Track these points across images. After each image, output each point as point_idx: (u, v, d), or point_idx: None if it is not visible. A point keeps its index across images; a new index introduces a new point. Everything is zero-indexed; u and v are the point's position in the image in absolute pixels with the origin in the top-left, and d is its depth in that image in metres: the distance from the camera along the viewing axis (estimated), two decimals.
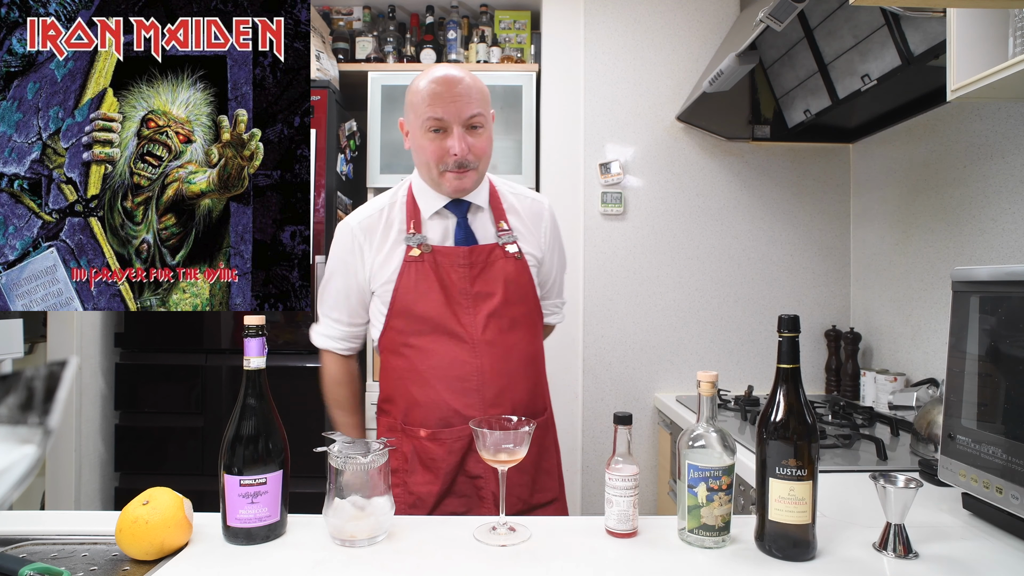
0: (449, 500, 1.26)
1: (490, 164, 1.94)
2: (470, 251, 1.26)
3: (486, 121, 1.24)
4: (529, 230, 1.35)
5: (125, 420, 2.36)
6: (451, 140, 1.19)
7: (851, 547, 0.92)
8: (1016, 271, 0.95)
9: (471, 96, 1.20)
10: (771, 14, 1.53)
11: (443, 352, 1.24)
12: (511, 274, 1.28)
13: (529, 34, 2.74)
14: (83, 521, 1.03)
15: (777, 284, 2.47)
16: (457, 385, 1.24)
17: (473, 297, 1.25)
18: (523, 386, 1.29)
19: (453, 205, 1.29)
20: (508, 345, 1.27)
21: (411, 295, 1.25)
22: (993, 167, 1.70)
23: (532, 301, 1.32)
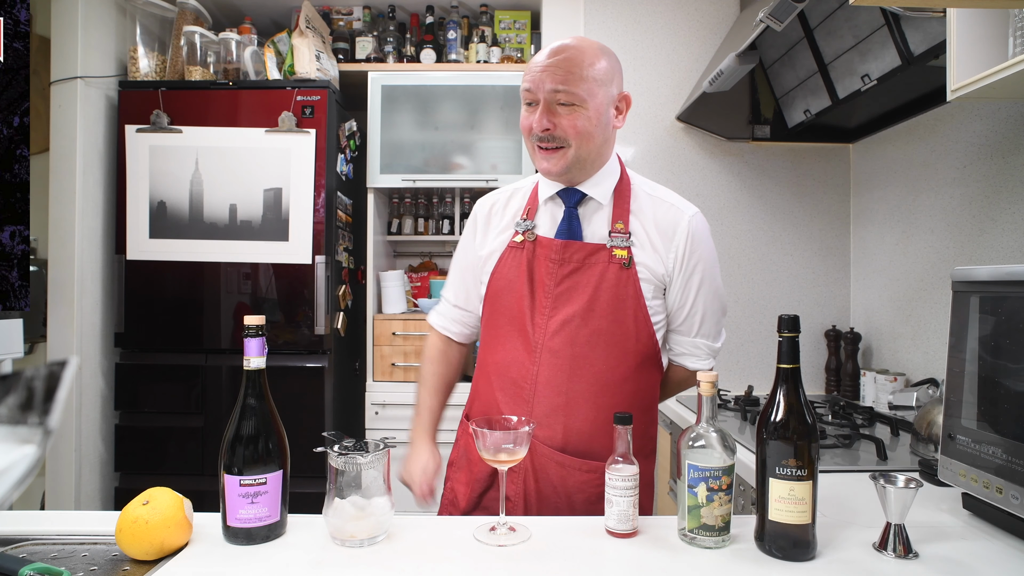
0: (479, 513, 1.19)
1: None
2: (564, 246, 1.14)
3: (583, 100, 1.08)
4: (652, 240, 1.15)
5: (125, 420, 2.36)
6: (535, 114, 1.10)
7: (851, 547, 0.92)
8: (1016, 271, 0.95)
9: (563, 69, 1.07)
10: (771, 14, 1.53)
11: (509, 350, 1.17)
12: (609, 282, 1.12)
13: (529, 34, 2.74)
14: (83, 521, 1.02)
15: (777, 284, 2.47)
16: (511, 389, 1.16)
17: (555, 297, 1.13)
18: (586, 415, 1.12)
19: (565, 194, 1.17)
20: (577, 360, 1.12)
21: (501, 283, 1.19)
22: (993, 167, 1.70)
23: (632, 320, 1.13)
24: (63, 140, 2.30)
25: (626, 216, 1.16)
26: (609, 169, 1.19)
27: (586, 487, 1.13)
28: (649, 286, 1.14)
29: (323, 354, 2.36)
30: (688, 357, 1.23)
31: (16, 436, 0.56)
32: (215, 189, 2.32)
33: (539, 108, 1.09)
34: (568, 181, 1.17)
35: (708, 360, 1.23)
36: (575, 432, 1.13)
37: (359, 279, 2.78)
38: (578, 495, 1.13)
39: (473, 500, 1.20)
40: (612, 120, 1.14)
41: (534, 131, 1.11)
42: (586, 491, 1.13)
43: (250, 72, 2.41)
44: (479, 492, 1.20)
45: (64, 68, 2.29)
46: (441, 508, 1.29)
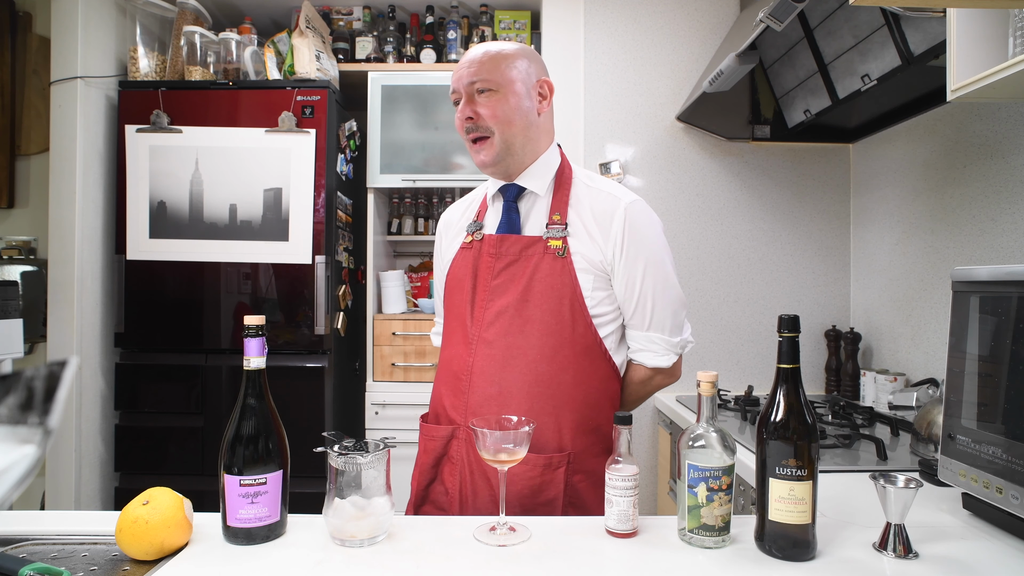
0: (427, 507, 1.20)
1: None
2: (500, 240, 1.16)
3: (498, 85, 1.13)
4: (589, 229, 1.15)
5: (125, 420, 2.36)
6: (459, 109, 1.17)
7: (851, 547, 0.92)
8: (1016, 271, 0.95)
9: (478, 62, 1.14)
10: (771, 14, 1.53)
11: (452, 344, 1.20)
12: (543, 272, 1.12)
13: (529, 34, 2.74)
14: (83, 521, 1.02)
15: (777, 284, 2.47)
16: (451, 382, 1.18)
17: (491, 290, 1.15)
18: (521, 405, 1.11)
19: (504, 190, 1.20)
20: (511, 350, 1.12)
21: (452, 283, 1.23)
22: (993, 167, 1.70)
23: (568, 310, 1.12)
24: (63, 140, 2.30)
25: (564, 207, 1.17)
26: (546, 161, 1.20)
27: (520, 479, 1.09)
28: (588, 276, 1.13)
29: (323, 354, 2.36)
30: (644, 353, 1.19)
31: (16, 436, 0.56)
32: (215, 189, 2.32)
33: (462, 102, 1.16)
34: (505, 175, 1.19)
35: (667, 356, 1.19)
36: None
37: (359, 279, 2.78)
38: (511, 488, 1.09)
39: (420, 494, 1.21)
40: (535, 105, 1.18)
41: (463, 124, 1.16)
42: (520, 483, 1.09)
43: (250, 72, 2.41)
44: (424, 485, 1.20)
45: (64, 68, 2.29)
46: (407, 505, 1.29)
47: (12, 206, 2.67)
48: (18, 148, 2.65)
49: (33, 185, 2.68)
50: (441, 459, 1.18)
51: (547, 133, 1.22)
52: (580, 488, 1.13)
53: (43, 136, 2.47)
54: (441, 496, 1.17)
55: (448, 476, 1.16)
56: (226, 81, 2.41)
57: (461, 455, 1.15)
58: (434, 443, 1.18)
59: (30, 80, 2.63)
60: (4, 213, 2.68)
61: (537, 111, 1.18)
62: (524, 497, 1.10)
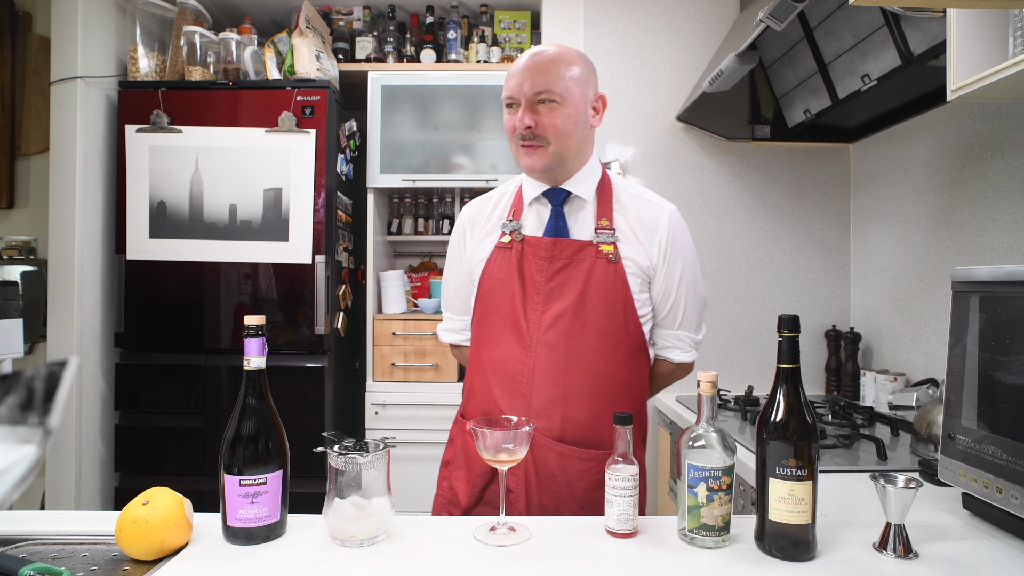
0: (482, 508, 1.21)
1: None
2: (553, 243, 1.18)
3: (562, 98, 1.14)
4: (636, 235, 1.20)
5: (125, 420, 2.36)
6: (517, 115, 1.16)
7: (851, 547, 0.92)
8: (1016, 271, 0.95)
9: (542, 70, 1.14)
10: (771, 14, 1.53)
11: (504, 346, 1.20)
12: (598, 276, 1.16)
13: (529, 34, 2.74)
14: (83, 521, 1.02)
15: (777, 284, 2.47)
16: (508, 384, 1.19)
17: (546, 293, 1.17)
18: (583, 405, 1.15)
19: (551, 194, 1.22)
20: (572, 352, 1.15)
21: (492, 283, 1.23)
22: (993, 167, 1.70)
23: (621, 312, 1.17)
24: (63, 140, 2.30)
25: (610, 213, 1.20)
26: (590, 168, 1.23)
27: (586, 475, 1.16)
28: (636, 279, 1.18)
29: (323, 354, 2.36)
30: (672, 350, 1.27)
31: (16, 436, 0.56)
32: (215, 189, 2.32)
33: (521, 107, 1.16)
34: (551, 180, 1.21)
35: (691, 352, 1.28)
36: (573, 422, 1.16)
37: (359, 279, 2.78)
38: (579, 483, 1.16)
39: (475, 496, 1.22)
40: (590, 119, 1.20)
41: (517, 130, 1.16)
42: (586, 479, 1.16)
43: (250, 72, 2.41)
44: (480, 488, 1.22)
45: (64, 68, 2.29)
46: (438, 508, 1.29)
47: (12, 206, 2.67)
48: (18, 148, 2.65)
49: (33, 185, 2.68)
50: None
51: (592, 143, 1.26)
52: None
53: (43, 136, 2.47)
54: (497, 497, 1.14)
55: (511, 478, 1.17)
56: (226, 81, 2.41)
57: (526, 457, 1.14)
58: None
59: (30, 80, 2.63)
60: (4, 213, 2.68)
61: (591, 125, 1.21)
62: (591, 491, 1.16)
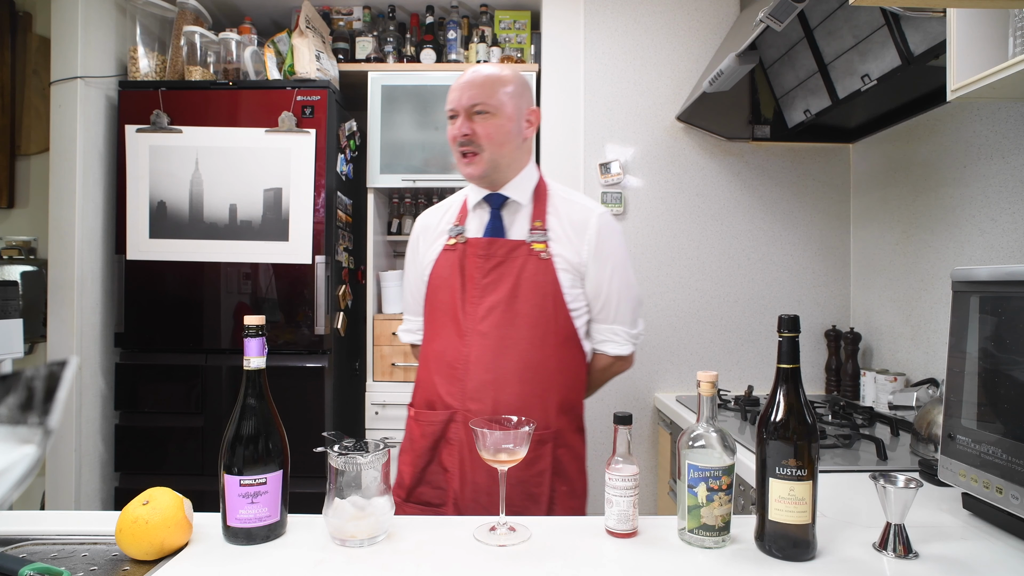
0: (423, 488, 1.30)
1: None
2: (489, 242, 1.30)
3: (495, 109, 1.26)
4: (568, 235, 1.30)
5: (125, 420, 2.36)
6: (457, 124, 1.29)
7: (851, 547, 0.92)
8: (1016, 271, 0.95)
9: (477, 85, 1.27)
10: (771, 14, 1.53)
11: (444, 337, 1.31)
12: (530, 271, 1.26)
13: (529, 34, 2.74)
14: (83, 521, 1.03)
15: (777, 284, 2.47)
16: (446, 371, 1.29)
17: (482, 287, 1.28)
18: (514, 389, 1.24)
19: (490, 199, 1.34)
20: (503, 340, 1.25)
21: (437, 281, 1.34)
22: (993, 167, 1.70)
23: (551, 304, 1.26)
24: (63, 140, 2.30)
25: (544, 215, 1.32)
26: (527, 175, 1.35)
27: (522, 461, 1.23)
28: (567, 275, 1.28)
29: (323, 354, 2.36)
30: (608, 343, 1.36)
31: (16, 436, 0.56)
32: (215, 189, 2.32)
33: (460, 118, 1.28)
34: (490, 185, 1.33)
35: (626, 345, 1.36)
36: (504, 405, 1.24)
37: (359, 279, 2.78)
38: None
39: (416, 476, 1.31)
40: (523, 130, 1.33)
41: (457, 138, 1.29)
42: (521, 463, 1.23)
43: (250, 72, 2.41)
44: (421, 467, 1.30)
45: (64, 68, 2.29)
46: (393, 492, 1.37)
47: (12, 206, 2.67)
48: (18, 148, 2.65)
49: (33, 185, 2.68)
50: (439, 442, 1.29)
51: (529, 153, 1.38)
52: (564, 460, 1.30)
53: (43, 136, 2.47)
54: (438, 475, 1.29)
55: (447, 457, 1.28)
56: (226, 81, 2.40)
57: (460, 437, 1.27)
58: (433, 427, 1.29)
59: (30, 80, 2.63)
60: (4, 213, 2.68)
61: (524, 136, 1.33)
62: (519, 470, 1.19)
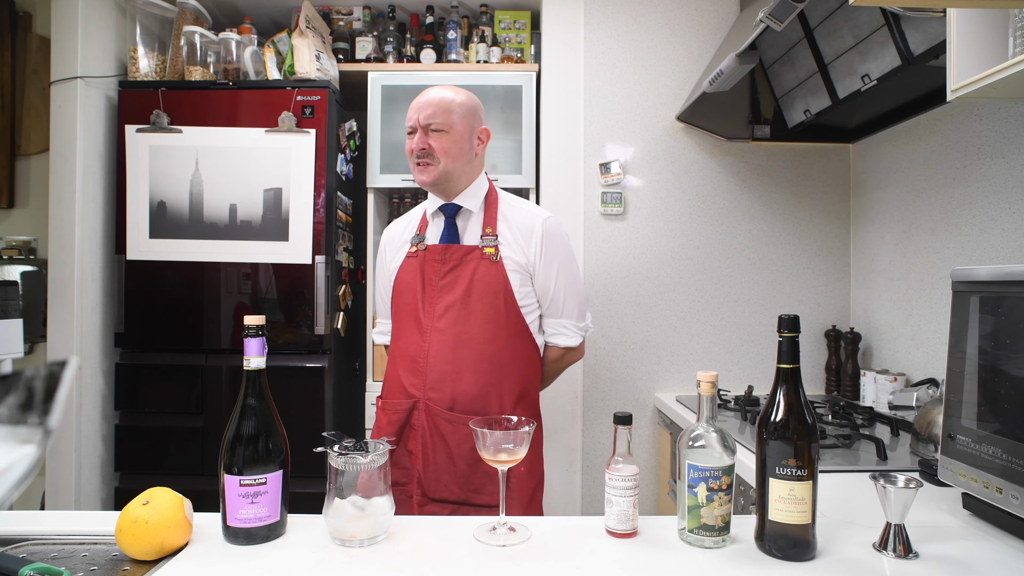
0: (392, 469, 1.35)
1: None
2: (444, 248, 1.43)
3: (449, 127, 1.41)
4: (516, 239, 1.43)
5: (125, 420, 2.36)
6: (414, 139, 1.43)
7: (851, 547, 0.92)
8: (1016, 271, 0.95)
9: (434, 104, 1.41)
10: (771, 14, 1.53)
11: (407, 335, 1.44)
12: (481, 273, 1.39)
13: (529, 34, 2.74)
14: (83, 521, 1.03)
15: (777, 284, 2.47)
16: (409, 364, 1.42)
17: (439, 289, 1.41)
18: (470, 379, 1.37)
19: (445, 208, 1.47)
20: (459, 336, 1.38)
21: (402, 285, 1.48)
22: (993, 167, 1.70)
23: (503, 302, 1.39)
24: (63, 140, 2.30)
25: (494, 222, 1.44)
26: (478, 185, 1.49)
27: (469, 438, 1.33)
28: (516, 275, 1.40)
29: (323, 354, 2.36)
30: (558, 336, 1.49)
31: (16, 436, 0.56)
32: (215, 189, 2.32)
33: (417, 133, 1.42)
34: (444, 194, 1.46)
35: (575, 337, 1.49)
36: (462, 394, 1.37)
37: (359, 279, 2.78)
38: (464, 445, 1.35)
39: None
40: (475, 147, 1.47)
41: (414, 151, 1.42)
42: (469, 441, 1.33)
43: (250, 72, 2.41)
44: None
45: (64, 68, 2.29)
46: None
47: (12, 206, 2.67)
48: (18, 148, 2.65)
49: (33, 185, 2.68)
50: (404, 428, 1.42)
51: (479, 167, 1.51)
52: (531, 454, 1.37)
53: (43, 136, 2.47)
54: (403, 457, 1.42)
55: (411, 441, 1.41)
56: (226, 81, 2.40)
57: (421, 423, 1.40)
58: (398, 415, 1.42)
59: (30, 80, 2.63)
60: (4, 213, 2.68)
61: (475, 152, 1.48)
62: (475, 450, 1.29)
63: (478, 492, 1.35)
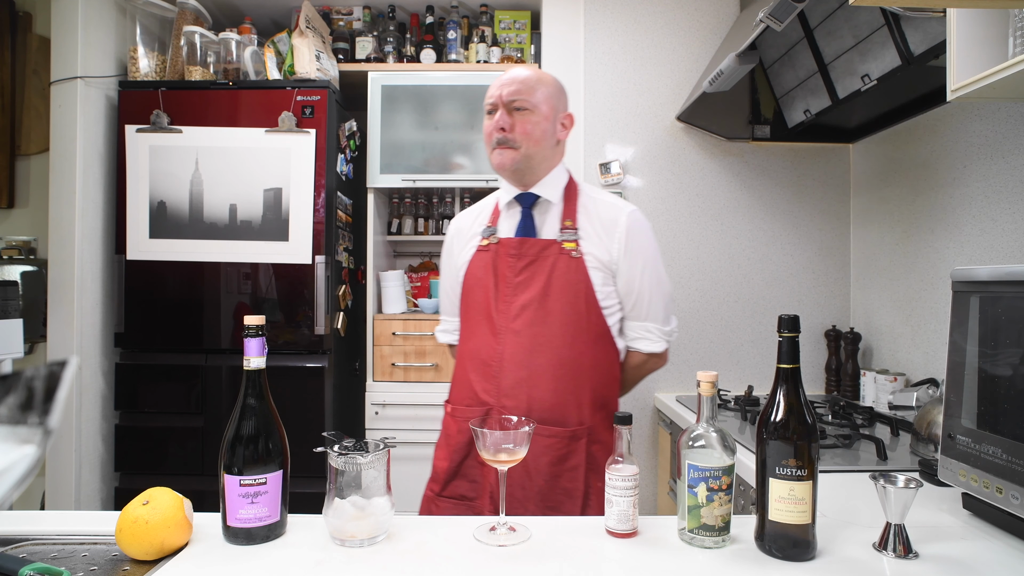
0: (458, 481, 1.32)
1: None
2: (520, 242, 1.31)
3: (533, 107, 1.28)
4: (598, 234, 1.31)
5: (125, 420, 2.36)
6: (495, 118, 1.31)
7: (851, 547, 0.92)
8: (1016, 271, 0.95)
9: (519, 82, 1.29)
10: (771, 14, 1.53)
11: (479, 336, 1.33)
12: (560, 270, 1.28)
13: (529, 34, 2.74)
14: (83, 521, 1.02)
15: (777, 284, 2.47)
16: (481, 368, 1.31)
17: (514, 286, 1.29)
18: (548, 386, 1.25)
19: (521, 198, 1.35)
20: (536, 338, 1.26)
21: (471, 281, 1.37)
22: (993, 167, 1.70)
23: (583, 302, 1.27)
24: (63, 140, 2.30)
25: (574, 215, 1.33)
26: (557, 174, 1.36)
27: (549, 450, 1.25)
28: (598, 273, 1.29)
29: (323, 354, 2.36)
30: (641, 341, 1.36)
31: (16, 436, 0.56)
32: (215, 189, 2.32)
33: (499, 112, 1.30)
34: (520, 183, 1.34)
35: (660, 343, 1.36)
36: (538, 401, 1.26)
37: (359, 279, 2.78)
38: (543, 457, 1.25)
39: (452, 470, 1.33)
40: (557, 132, 1.34)
41: (494, 133, 1.31)
42: (549, 454, 1.25)
43: (250, 72, 2.41)
44: (457, 462, 1.32)
45: (64, 68, 2.29)
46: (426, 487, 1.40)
47: (12, 206, 2.67)
48: (18, 148, 2.65)
49: (33, 185, 2.68)
50: None
51: (560, 155, 1.39)
52: (597, 456, 1.28)
53: (43, 136, 2.47)
54: (474, 469, 1.31)
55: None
56: (226, 81, 2.40)
57: None
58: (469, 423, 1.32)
59: (30, 80, 2.63)
60: (4, 213, 2.68)
61: (557, 138, 1.35)
62: (553, 464, 1.25)
63: (555, 510, 1.24)
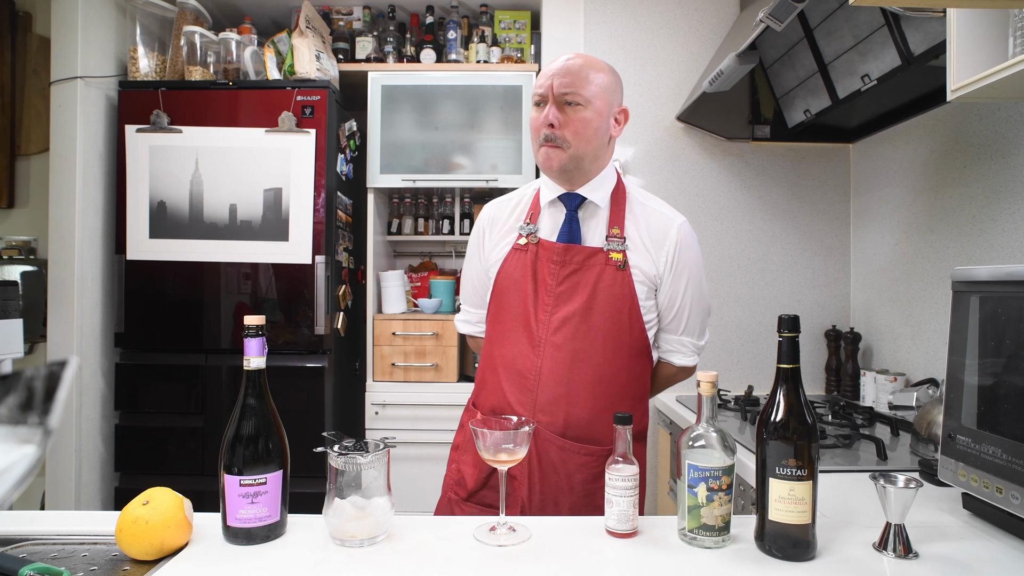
0: (486, 492, 1.28)
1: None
2: (565, 248, 1.22)
3: (587, 102, 1.17)
4: (646, 244, 1.23)
5: (125, 420, 2.36)
6: (544, 111, 1.20)
7: (851, 547, 0.92)
8: (1016, 271, 0.95)
9: (572, 73, 1.18)
10: (771, 14, 1.53)
11: (514, 344, 1.25)
12: (606, 282, 1.20)
13: (529, 34, 2.74)
14: (83, 521, 1.02)
15: (777, 284, 2.47)
16: (517, 380, 1.24)
17: (556, 296, 1.22)
18: (585, 404, 1.21)
19: (566, 198, 1.25)
20: (577, 353, 1.20)
21: (507, 282, 1.28)
22: (993, 167, 1.70)
23: (627, 317, 1.21)
24: (63, 140, 2.30)
25: (622, 222, 1.24)
26: (606, 176, 1.27)
27: (584, 468, 1.22)
28: (643, 287, 1.22)
29: (323, 354, 2.36)
30: (675, 354, 1.32)
31: (16, 436, 0.56)
32: (215, 189, 2.32)
33: (549, 105, 1.19)
34: (567, 183, 1.24)
35: (693, 357, 1.32)
36: (575, 419, 1.21)
37: (359, 279, 2.78)
38: (577, 475, 1.22)
39: (481, 480, 1.28)
40: (611, 128, 1.24)
41: (542, 127, 1.20)
42: (584, 472, 1.22)
43: (250, 72, 2.41)
44: (487, 473, 1.27)
45: (64, 68, 2.29)
46: (446, 488, 1.35)
47: (12, 206, 2.67)
48: (18, 148, 2.65)
49: (33, 185, 2.68)
50: None
51: (611, 153, 1.29)
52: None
53: (43, 136, 2.47)
54: (507, 482, 1.23)
55: (516, 466, 1.19)
56: (226, 81, 2.40)
57: (530, 446, 1.20)
58: None
59: (30, 80, 2.63)
60: (4, 213, 2.68)
61: (610, 135, 1.24)
62: (588, 482, 1.21)
63: None
